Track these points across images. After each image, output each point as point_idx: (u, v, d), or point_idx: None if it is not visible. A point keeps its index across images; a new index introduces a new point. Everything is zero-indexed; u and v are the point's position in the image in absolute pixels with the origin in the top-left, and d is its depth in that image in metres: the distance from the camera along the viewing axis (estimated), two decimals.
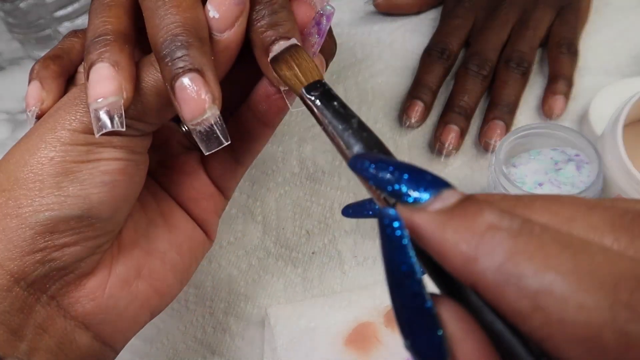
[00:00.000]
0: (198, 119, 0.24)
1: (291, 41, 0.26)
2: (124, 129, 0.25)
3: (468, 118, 0.45)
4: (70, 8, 0.50)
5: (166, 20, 0.24)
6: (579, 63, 0.48)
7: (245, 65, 0.28)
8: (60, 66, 0.30)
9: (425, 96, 0.46)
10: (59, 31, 0.51)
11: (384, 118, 0.48)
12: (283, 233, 0.43)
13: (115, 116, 0.25)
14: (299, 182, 0.45)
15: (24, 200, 0.26)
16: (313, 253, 0.42)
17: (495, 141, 0.44)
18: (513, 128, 0.46)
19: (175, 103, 0.24)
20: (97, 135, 0.25)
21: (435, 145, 0.45)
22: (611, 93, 0.44)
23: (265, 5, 0.26)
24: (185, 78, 0.24)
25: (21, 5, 0.48)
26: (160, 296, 0.31)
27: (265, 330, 0.39)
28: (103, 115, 0.24)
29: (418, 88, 0.47)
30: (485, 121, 0.45)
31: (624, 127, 0.37)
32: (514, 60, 0.46)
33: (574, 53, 0.47)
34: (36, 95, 0.29)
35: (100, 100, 0.24)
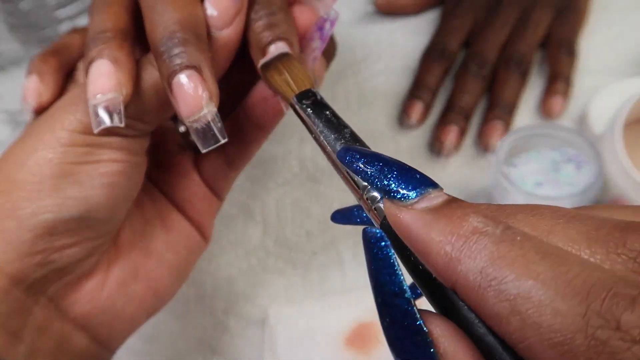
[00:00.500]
0: (195, 116, 0.24)
1: (286, 47, 0.25)
2: (123, 125, 0.25)
3: (468, 118, 0.45)
4: (71, 8, 0.50)
5: (164, 17, 0.24)
6: (579, 63, 0.48)
7: (241, 67, 0.28)
8: (59, 61, 0.30)
9: (425, 96, 0.46)
10: (60, 31, 0.51)
11: (384, 118, 0.48)
12: (283, 233, 0.43)
13: (114, 113, 0.24)
14: (299, 182, 0.45)
15: (23, 202, 0.25)
16: (313, 253, 0.42)
17: (495, 141, 0.44)
18: (513, 128, 0.46)
19: (172, 100, 0.24)
20: (96, 131, 0.25)
21: (435, 145, 0.45)
22: (611, 93, 0.44)
23: (262, 6, 0.26)
24: (182, 75, 0.23)
25: (22, 5, 0.48)
26: (157, 297, 0.31)
27: (265, 330, 0.39)
28: (102, 111, 0.24)
29: (418, 88, 0.47)
30: (485, 121, 0.45)
31: (624, 127, 0.37)
32: (514, 60, 0.46)
33: (574, 53, 0.47)
34: (34, 88, 0.28)
35: (99, 96, 0.24)
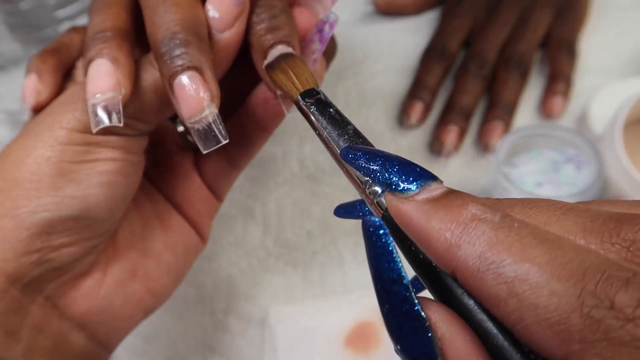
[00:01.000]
0: (196, 117, 0.24)
1: (288, 49, 0.26)
2: (122, 125, 0.25)
3: (468, 118, 0.45)
4: (71, 8, 0.50)
5: (165, 18, 0.24)
6: (579, 63, 0.48)
7: (242, 68, 0.28)
8: (58, 60, 0.30)
9: (425, 96, 0.46)
10: (60, 31, 0.51)
11: (384, 118, 0.48)
12: (283, 233, 0.43)
13: (113, 112, 0.24)
14: (299, 182, 0.45)
15: (21, 200, 0.25)
16: (313, 253, 0.42)
17: (495, 141, 0.44)
18: (513, 128, 0.46)
19: (173, 101, 0.24)
20: (94, 130, 0.25)
21: (435, 145, 0.45)
22: (611, 93, 0.44)
23: (265, 9, 0.26)
24: (183, 76, 0.23)
25: (22, 5, 0.48)
26: (154, 296, 0.31)
27: (265, 330, 0.39)
28: (100, 111, 0.24)
29: (418, 88, 0.47)
30: (485, 121, 0.45)
31: (624, 127, 0.37)
32: (514, 60, 0.46)
33: (574, 53, 0.47)
34: (32, 87, 0.28)
35: (98, 95, 0.24)
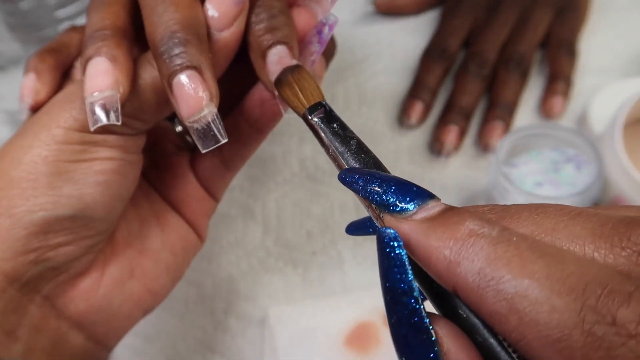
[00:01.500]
0: (195, 117, 0.24)
1: (292, 61, 0.26)
2: (119, 124, 0.25)
3: (468, 118, 0.45)
4: (70, 8, 0.50)
5: (165, 17, 0.24)
6: (579, 63, 0.48)
7: (240, 68, 0.28)
8: (56, 59, 0.30)
9: (425, 96, 0.46)
10: (59, 31, 0.51)
11: (384, 118, 0.48)
12: (283, 233, 0.43)
13: (111, 110, 0.24)
14: (299, 182, 0.45)
15: (18, 200, 0.25)
16: (313, 253, 0.42)
17: (495, 141, 0.44)
18: (513, 128, 0.46)
19: (172, 100, 0.24)
20: (92, 128, 0.25)
21: (435, 145, 0.45)
22: (611, 93, 0.44)
23: (264, 9, 0.26)
24: (182, 75, 0.23)
25: (22, 5, 0.48)
26: (153, 295, 0.31)
27: (265, 330, 0.39)
28: (98, 109, 0.24)
29: (418, 88, 0.47)
30: (485, 121, 0.45)
31: (624, 127, 0.37)
32: (514, 60, 0.46)
33: (574, 53, 0.47)
34: (31, 86, 0.28)
35: (96, 94, 0.24)
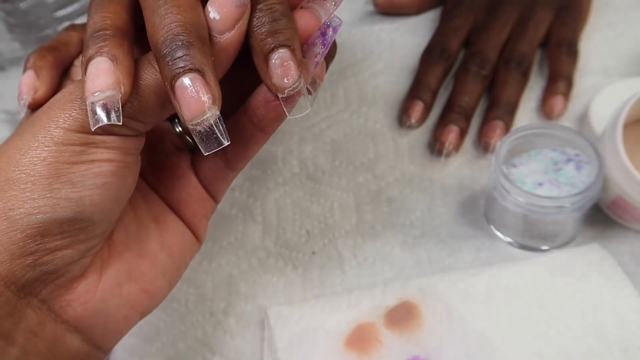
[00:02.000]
0: (198, 119, 0.24)
1: (286, 54, 0.26)
2: (121, 124, 0.24)
3: (468, 118, 0.45)
4: (70, 8, 0.50)
5: (167, 19, 0.24)
6: (579, 63, 0.48)
7: (242, 69, 0.28)
8: (56, 57, 0.29)
9: (425, 96, 0.46)
10: (59, 31, 0.51)
11: (384, 118, 0.48)
12: (283, 233, 0.43)
13: (112, 110, 0.24)
14: (299, 182, 0.45)
15: (15, 202, 0.25)
16: (313, 253, 0.42)
17: (495, 141, 0.44)
18: (513, 128, 0.46)
19: (175, 103, 0.24)
20: (93, 129, 0.24)
21: (435, 145, 0.45)
22: (611, 93, 0.44)
23: (266, 12, 0.26)
24: (185, 78, 0.23)
25: (21, 5, 0.48)
26: (150, 298, 0.30)
27: (265, 330, 0.39)
28: (99, 109, 0.24)
29: (418, 88, 0.47)
30: (485, 121, 0.45)
31: (624, 127, 0.37)
32: (514, 60, 0.46)
33: (574, 53, 0.47)
34: (29, 84, 0.28)
35: (97, 94, 0.24)
